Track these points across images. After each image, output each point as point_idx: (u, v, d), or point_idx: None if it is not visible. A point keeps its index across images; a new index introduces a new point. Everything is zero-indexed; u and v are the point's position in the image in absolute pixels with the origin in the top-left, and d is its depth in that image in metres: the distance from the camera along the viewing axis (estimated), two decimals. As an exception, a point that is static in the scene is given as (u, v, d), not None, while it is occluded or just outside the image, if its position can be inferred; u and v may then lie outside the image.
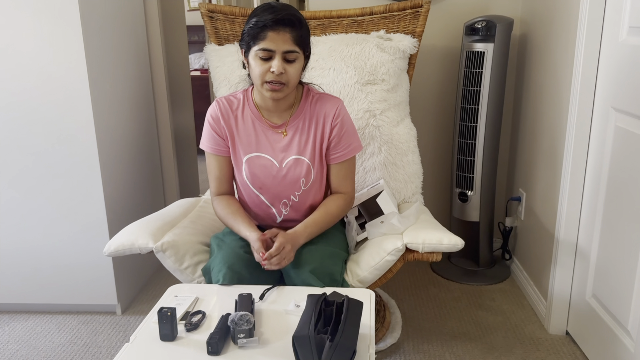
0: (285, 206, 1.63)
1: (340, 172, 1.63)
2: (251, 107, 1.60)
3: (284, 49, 1.44)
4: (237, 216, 1.57)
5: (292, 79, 1.48)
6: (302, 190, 1.60)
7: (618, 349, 1.67)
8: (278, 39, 1.43)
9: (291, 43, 1.44)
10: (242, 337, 1.17)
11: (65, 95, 2.00)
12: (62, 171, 2.08)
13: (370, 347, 1.17)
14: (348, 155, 1.62)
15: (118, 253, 1.59)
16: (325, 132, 1.59)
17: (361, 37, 2.07)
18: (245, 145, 1.59)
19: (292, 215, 1.64)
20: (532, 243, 2.29)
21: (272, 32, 1.42)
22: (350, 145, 1.62)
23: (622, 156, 1.65)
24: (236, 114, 1.60)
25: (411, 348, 1.97)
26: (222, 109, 1.61)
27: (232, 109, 1.61)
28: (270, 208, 1.64)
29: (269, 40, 1.43)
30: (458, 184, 2.45)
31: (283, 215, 1.64)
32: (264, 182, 1.60)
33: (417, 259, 1.57)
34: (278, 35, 1.43)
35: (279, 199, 1.62)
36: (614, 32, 1.69)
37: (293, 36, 1.44)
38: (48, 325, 2.17)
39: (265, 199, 1.63)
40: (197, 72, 4.98)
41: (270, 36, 1.43)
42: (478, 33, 2.25)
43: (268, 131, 1.59)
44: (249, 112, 1.60)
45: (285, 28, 1.43)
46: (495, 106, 2.31)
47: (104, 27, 2.11)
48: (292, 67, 1.47)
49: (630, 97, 1.59)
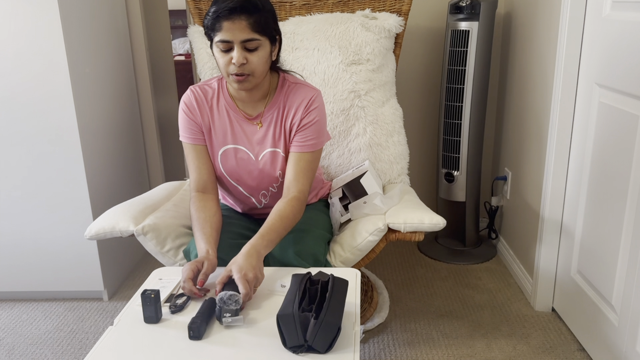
0: (264, 197, 1.61)
1: (300, 163, 1.51)
2: (226, 97, 1.54)
3: (241, 39, 1.35)
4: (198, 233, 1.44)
5: (256, 69, 1.40)
6: (280, 182, 1.57)
7: (603, 324, 1.69)
8: (234, 28, 1.34)
9: (249, 31, 1.35)
10: (228, 316, 1.17)
11: (45, 81, 1.96)
12: (44, 158, 2.04)
13: (355, 324, 1.17)
14: (310, 148, 1.51)
15: (99, 237, 1.57)
16: (295, 121, 1.51)
17: (346, 16, 2.04)
18: (220, 136, 1.54)
19: (273, 203, 1.57)
20: (517, 222, 2.31)
21: (228, 22, 1.34)
22: (316, 138, 1.51)
23: (606, 132, 1.65)
24: (211, 104, 1.54)
25: (399, 327, 1.98)
26: (197, 97, 1.54)
27: (207, 99, 1.54)
28: (249, 198, 1.62)
29: (225, 31, 1.35)
30: (444, 164, 2.45)
31: (263, 204, 1.63)
32: (241, 174, 1.56)
33: (399, 238, 1.56)
34: (234, 25, 1.34)
35: (258, 190, 1.60)
36: (598, 7, 1.68)
37: (250, 23, 1.35)
38: (34, 313, 2.15)
39: (244, 190, 1.60)
40: (181, 57, 4.92)
41: (225, 26, 1.34)
42: (462, 11, 2.24)
43: (243, 122, 1.53)
44: (223, 102, 1.54)
45: (240, 16, 1.34)
46: (481, 85, 2.31)
47: (82, 13, 2.07)
48: (255, 55, 1.38)
49: (614, 72, 1.59)
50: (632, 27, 1.50)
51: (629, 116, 1.52)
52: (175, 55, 4.79)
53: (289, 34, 2.04)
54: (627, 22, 1.52)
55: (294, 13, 2.15)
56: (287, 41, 2.03)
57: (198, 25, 2.17)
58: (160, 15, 2.81)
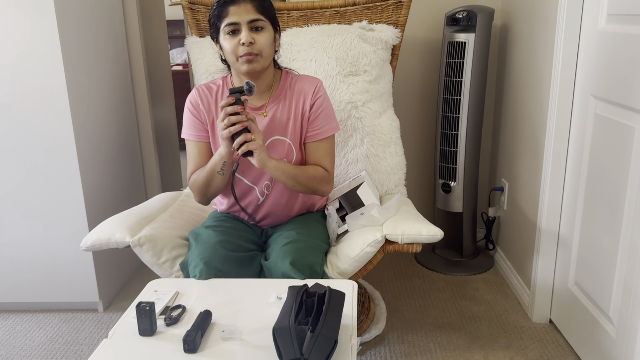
0: (267, 187, 1.64)
1: (318, 152, 1.63)
2: None
3: (247, 19, 1.48)
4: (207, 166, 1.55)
5: (264, 48, 1.51)
6: None
7: (600, 336, 1.68)
8: (240, 11, 1.48)
9: (254, 12, 1.49)
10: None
11: (42, 91, 1.96)
12: (40, 167, 2.04)
13: (352, 337, 1.16)
14: (325, 134, 1.62)
15: (95, 248, 1.56)
16: (305, 109, 1.60)
17: (343, 27, 2.05)
18: None
19: (274, 197, 1.65)
20: (515, 233, 2.31)
21: (234, 6, 1.48)
22: (327, 124, 1.63)
23: (602, 144, 1.65)
24: (216, 98, 1.63)
25: (396, 339, 1.97)
26: (201, 95, 1.63)
27: (211, 94, 1.63)
28: (253, 188, 1.65)
29: (232, 14, 1.48)
30: (441, 175, 2.45)
31: (265, 195, 1.65)
32: (246, 164, 1.60)
33: (397, 250, 1.56)
34: (239, 8, 1.48)
35: (261, 181, 1.64)
36: (593, 20, 1.69)
37: (254, 5, 1.49)
38: (28, 324, 2.13)
39: (248, 181, 1.64)
40: (179, 67, 4.93)
41: (232, 10, 1.48)
42: (459, 23, 2.25)
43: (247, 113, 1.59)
44: None
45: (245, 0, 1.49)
46: (477, 96, 2.31)
47: (80, 23, 2.07)
48: (261, 35, 1.50)
49: (609, 84, 1.60)
50: (627, 40, 1.51)
51: (624, 128, 1.53)
52: (173, 65, 4.80)
53: (286, 45, 2.04)
54: (622, 35, 1.53)
55: (291, 24, 2.16)
56: (285, 52, 2.03)
57: (195, 36, 2.18)
58: (158, 25, 2.82)
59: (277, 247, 1.48)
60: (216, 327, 1.21)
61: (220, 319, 1.24)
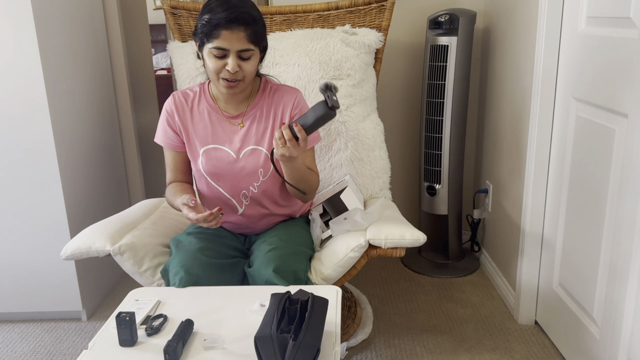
0: (245, 197, 1.62)
1: (305, 161, 1.61)
2: (207, 98, 1.60)
3: (238, 48, 1.42)
4: (177, 195, 1.55)
5: (248, 75, 1.48)
6: (260, 181, 1.59)
7: (584, 336, 1.69)
8: (232, 38, 1.40)
9: (245, 42, 1.42)
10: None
11: (21, 98, 1.93)
12: (20, 175, 2.01)
13: (335, 344, 1.16)
14: (308, 145, 1.59)
15: (75, 257, 1.54)
16: (284, 121, 1.58)
17: (326, 32, 2.05)
18: (201, 137, 1.58)
19: (254, 207, 1.63)
20: (499, 234, 2.31)
21: (226, 31, 1.40)
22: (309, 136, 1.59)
23: (583, 146, 1.66)
24: (192, 106, 1.60)
25: (382, 343, 1.97)
26: (177, 102, 1.61)
27: (187, 102, 1.61)
28: (230, 200, 1.62)
29: (223, 39, 1.40)
30: (426, 178, 2.45)
31: (244, 206, 1.63)
32: (221, 174, 1.58)
33: (380, 254, 1.56)
34: (232, 34, 1.40)
35: (238, 191, 1.61)
36: (573, 23, 1.70)
37: (247, 34, 1.41)
38: (10, 335, 2.09)
39: (224, 191, 1.61)
40: (164, 72, 4.89)
41: (224, 35, 1.40)
42: (441, 27, 2.26)
43: (224, 122, 1.58)
44: (205, 103, 1.60)
45: (239, 27, 1.40)
46: (461, 99, 2.32)
47: (59, 28, 2.04)
48: (248, 64, 1.46)
49: (590, 86, 1.61)
50: (606, 42, 1.52)
51: (605, 129, 1.54)
52: (157, 69, 4.76)
53: (269, 50, 2.01)
54: (601, 37, 1.54)
55: (274, 28, 2.15)
56: (268, 56, 2.01)
57: (178, 41, 2.16)
58: (141, 30, 2.79)
59: (260, 254, 1.47)
60: (198, 337, 1.19)
61: (202, 327, 1.23)
